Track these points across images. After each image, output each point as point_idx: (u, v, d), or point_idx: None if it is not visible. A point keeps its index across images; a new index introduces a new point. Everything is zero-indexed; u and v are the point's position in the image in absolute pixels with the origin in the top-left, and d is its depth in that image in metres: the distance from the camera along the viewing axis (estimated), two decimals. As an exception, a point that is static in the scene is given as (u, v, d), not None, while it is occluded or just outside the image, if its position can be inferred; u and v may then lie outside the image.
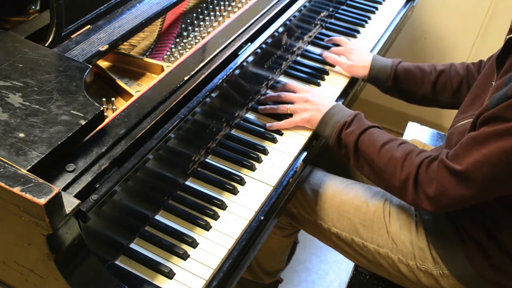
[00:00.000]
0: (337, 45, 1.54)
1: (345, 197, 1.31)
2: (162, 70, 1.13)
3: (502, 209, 1.08)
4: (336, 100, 1.41)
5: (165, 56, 1.21)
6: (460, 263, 1.16)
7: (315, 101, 1.25)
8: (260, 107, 1.31)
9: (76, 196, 0.80)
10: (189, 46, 1.22)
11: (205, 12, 1.33)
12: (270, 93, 1.35)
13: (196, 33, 1.26)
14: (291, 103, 1.28)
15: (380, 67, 1.43)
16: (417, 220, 1.23)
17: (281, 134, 1.26)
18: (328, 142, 1.23)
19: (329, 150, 1.37)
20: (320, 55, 1.51)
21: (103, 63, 1.17)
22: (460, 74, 1.37)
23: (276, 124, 1.26)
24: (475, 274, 1.14)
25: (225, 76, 1.11)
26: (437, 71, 1.39)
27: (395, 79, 1.42)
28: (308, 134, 1.27)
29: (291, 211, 1.38)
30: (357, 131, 1.17)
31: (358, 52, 1.47)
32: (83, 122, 0.85)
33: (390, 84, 1.43)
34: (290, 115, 1.28)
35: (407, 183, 1.07)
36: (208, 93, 1.07)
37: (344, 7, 1.77)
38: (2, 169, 0.74)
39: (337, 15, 1.72)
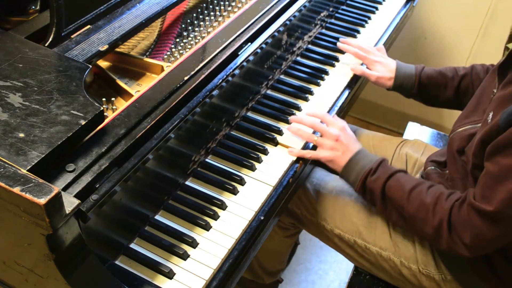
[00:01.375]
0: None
1: (348, 198, 1.31)
2: (162, 70, 1.13)
3: None
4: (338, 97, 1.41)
5: (165, 56, 1.21)
6: (463, 269, 1.15)
7: (345, 142, 1.21)
8: (289, 126, 1.26)
9: (76, 196, 0.80)
10: (189, 46, 1.22)
11: (205, 12, 1.33)
12: (303, 118, 1.27)
13: (196, 33, 1.26)
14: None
15: (405, 76, 1.43)
16: None
17: (281, 134, 1.26)
18: (353, 188, 1.20)
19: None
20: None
21: (103, 63, 1.17)
22: (481, 78, 1.37)
23: (297, 152, 1.21)
24: (478, 280, 1.14)
25: (225, 76, 1.11)
26: (459, 76, 1.40)
27: (419, 86, 1.43)
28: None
29: (294, 211, 1.38)
30: (383, 177, 1.14)
31: (383, 63, 1.46)
32: (83, 122, 0.85)
33: (415, 91, 1.44)
34: None
35: (441, 229, 1.04)
36: (208, 93, 1.07)
37: (344, 7, 1.77)
38: (2, 169, 0.74)
39: (337, 15, 1.72)
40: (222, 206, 1.07)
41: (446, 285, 1.19)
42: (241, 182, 1.13)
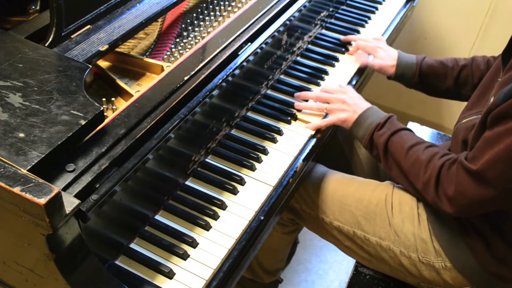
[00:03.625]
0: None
1: (347, 190, 1.32)
2: (162, 70, 1.13)
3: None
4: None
5: (165, 56, 1.21)
6: (462, 255, 1.16)
7: (351, 102, 1.28)
8: (297, 103, 1.33)
9: (76, 196, 0.80)
10: (189, 46, 1.22)
11: (205, 12, 1.33)
12: (306, 92, 1.36)
13: (196, 33, 1.26)
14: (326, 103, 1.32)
15: (406, 65, 1.48)
16: (420, 212, 1.24)
17: (281, 134, 1.26)
18: (361, 143, 1.26)
19: (331, 147, 1.38)
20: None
21: (103, 63, 1.17)
22: (481, 69, 1.40)
23: (313, 125, 1.28)
24: (478, 267, 1.15)
25: (225, 76, 1.11)
26: (459, 66, 1.44)
27: (420, 76, 1.47)
28: (308, 134, 1.27)
29: (293, 206, 1.38)
30: (388, 132, 1.20)
31: (385, 49, 1.51)
32: (83, 122, 0.85)
33: (415, 81, 1.48)
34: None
35: (429, 184, 1.10)
36: (208, 93, 1.07)
37: (344, 7, 1.77)
38: (2, 169, 0.74)
39: (337, 15, 1.72)
40: (222, 206, 1.07)
41: (445, 273, 1.20)
42: (241, 182, 1.13)
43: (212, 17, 1.31)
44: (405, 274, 1.27)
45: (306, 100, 1.36)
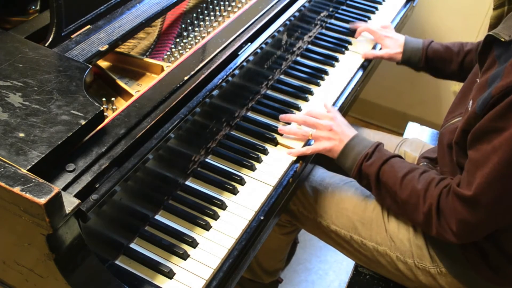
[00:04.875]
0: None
1: (344, 194, 1.31)
2: (162, 70, 1.13)
3: None
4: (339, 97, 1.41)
5: (165, 56, 1.21)
6: (457, 262, 1.16)
7: (338, 130, 1.23)
8: (281, 127, 1.27)
9: (76, 196, 0.80)
10: (189, 46, 1.22)
11: (205, 12, 1.33)
12: (291, 115, 1.30)
13: (196, 33, 1.27)
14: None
15: (412, 50, 1.50)
16: None
17: (282, 134, 1.26)
18: (349, 174, 1.21)
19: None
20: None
21: (103, 63, 1.17)
22: None
23: (296, 151, 1.22)
24: (473, 273, 1.14)
25: (225, 76, 1.11)
26: (465, 51, 1.45)
27: (426, 60, 1.49)
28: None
29: (290, 208, 1.38)
30: (378, 162, 1.15)
31: (391, 36, 1.54)
32: (83, 122, 0.85)
33: (422, 65, 1.50)
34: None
35: (431, 215, 1.06)
36: (208, 93, 1.07)
37: (344, 7, 1.77)
38: (2, 169, 0.74)
39: (337, 15, 1.72)
40: (222, 206, 1.07)
41: (441, 278, 1.20)
42: (241, 182, 1.13)
43: (212, 17, 1.31)
44: (402, 279, 1.27)
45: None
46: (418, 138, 1.60)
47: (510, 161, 0.91)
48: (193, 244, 0.99)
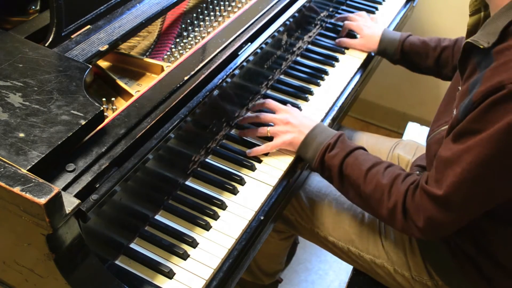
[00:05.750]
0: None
1: (341, 207, 1.31)
2: (162, 70, 1.13)
3: (489, 221, 1.05)
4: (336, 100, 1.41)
5: (165, 56, 1.21)
6: (454, 275, 1.15)
7: (296, 122, 1.19)
8: (239, 131, 1.24)
9: (76, 196, 0.80)
10: (189, 46, 1.22)
11: (205, 12, 1.33)
12: (248, 114, 1.28)
13: (196, 33, 1.26)
14: (271, 124, 1.23)
15: (388, 41, 1.51)
16: None
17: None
18: (311, 165, 1.18)
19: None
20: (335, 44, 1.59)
21: (103, 63, 1.17)
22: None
23: (256, 150, 1.19)
24: (469, 286, 1.14)
25: (225, 76, 1.11)
26: (441, 47, 1.45)
27: (402, 53, 1.49)
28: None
29: (288, 217, 1.37)
30: (342, 154, 1.12)
31: (370, 27, 1.55)
32: (83, 122, 0.85)
33: (398, 57, 1.51)
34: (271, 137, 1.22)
35: (395, 212, 1.04)
36: (208, 93, 1.07)
37: (344, 7, 1.77)
38: (2, 169, 0.74)
39: (337, 15, 1.72)
40: (222, 206, 1.07)
41: None
42: (241, 182, 1.13)
43: (212, 17, 1.31)
44: None
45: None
46: (418, 138, 1.61)
47: (484, 162, 0.89)
48: (193, 244, 0.99)
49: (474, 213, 0.99)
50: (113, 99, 1.04)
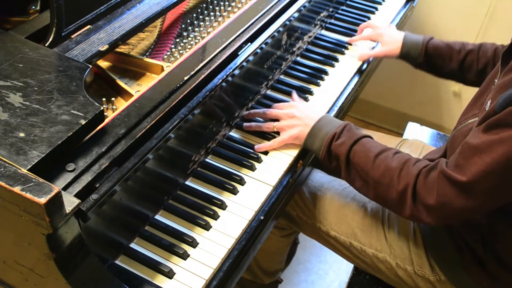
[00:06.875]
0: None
1: (343, 200, 1.31)
2: (162, 70, 1.13)
3: (498, 217, 1.05)
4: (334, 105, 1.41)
5: (165, 56, 1.21)
6: (457, 271, 1.16)
7: (302, 115, 1.20)
8: (245, 124, 1.25)
9: (76, 195, 0.80)
10: (189, 46, 1.23)
11: (205, 12, 1.33)
12: (255, 109, 1.29)
13: (196, 33, 1.27)
14: (277, 120, 1.23)
15: (412, 44, 1.48)
16: (415, 226, 1.23)
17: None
18: (318, 156, 1.17)
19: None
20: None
21: (103, 63, 1.17)
22: (487, 56, 1.38)
23: (264, 146, 1.20)
24: (472, 281, 1.14)
25: (225, 76, 1.11)
26: (466, 51, 1.43)
27: (426, 55, 1.46)
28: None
29: (289, 213, 1.37)
30: (349, 142, 1.11)
31: (389, 33, 1.53)
32: (83, 122, 0.85)
33: (421, 60, 1.48)
34: (277, 133, 1.23)
35: (406, 195, 1.02)
36: (208, 93, 1.07)
37: (344, 7, 1.77)
38: (2, 169, 0.74)
39: (337, 15, 1.72)
40: (222, 206, 1.07)
41: (441, 286, 1.19)
42: (241, 182, 1.13)
43: (212, 17, 1.31)
44: (402, 285, 1.27)
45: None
46: (418, 138, 1.60)
47: None
48: (193, 244, 0.99)
49: (494, 204, 0.98)
50: (113, 99, 1.04)
